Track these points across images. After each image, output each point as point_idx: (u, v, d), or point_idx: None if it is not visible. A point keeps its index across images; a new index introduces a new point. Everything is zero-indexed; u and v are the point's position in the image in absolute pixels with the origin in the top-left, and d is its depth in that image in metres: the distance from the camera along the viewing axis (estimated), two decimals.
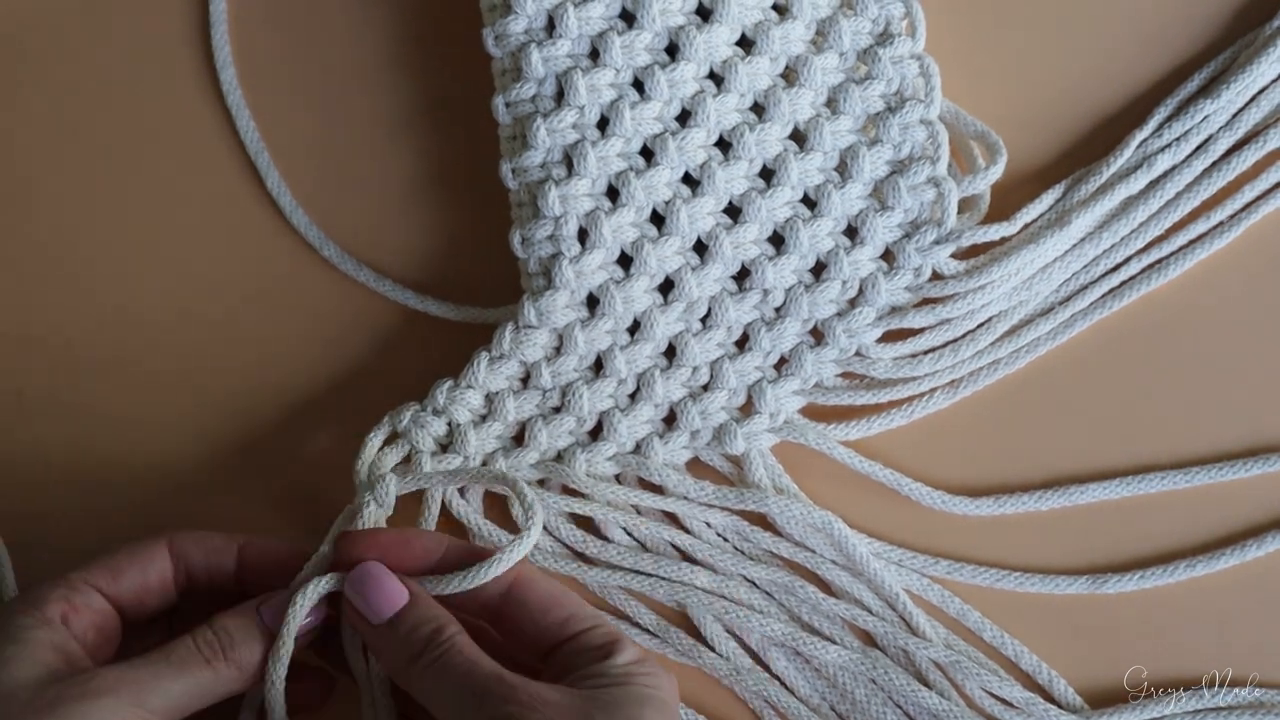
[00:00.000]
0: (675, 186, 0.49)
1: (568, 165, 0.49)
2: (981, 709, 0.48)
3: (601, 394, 0.49)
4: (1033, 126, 0.52)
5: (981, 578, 0.49)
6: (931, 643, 0.48)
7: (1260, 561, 0.49)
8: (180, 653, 0.42)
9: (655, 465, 0.49)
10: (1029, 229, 0.50)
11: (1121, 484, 0.50)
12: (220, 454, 0.51)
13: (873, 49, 0.50)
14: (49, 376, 0.52)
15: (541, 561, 0.49)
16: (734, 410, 0.50)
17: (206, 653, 0.42)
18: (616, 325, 0.49)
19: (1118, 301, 0.50)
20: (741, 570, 0.49)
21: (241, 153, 0.53)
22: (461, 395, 0.49)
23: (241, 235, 0.53)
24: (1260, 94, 0.50)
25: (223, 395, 0.52)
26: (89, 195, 0.53)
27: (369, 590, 0.43)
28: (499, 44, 0.49)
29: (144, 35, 0.53)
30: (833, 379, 0.50)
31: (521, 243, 0.49)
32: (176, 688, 0.41)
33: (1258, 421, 0.50)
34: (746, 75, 0.49)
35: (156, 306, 0.52)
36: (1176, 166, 0.50)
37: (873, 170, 0.50)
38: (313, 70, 0.53)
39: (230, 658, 0.43)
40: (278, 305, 0.52)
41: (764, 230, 0.49)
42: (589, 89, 0.48)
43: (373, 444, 0.48)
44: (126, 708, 0.40)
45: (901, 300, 0.50)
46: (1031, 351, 0.50)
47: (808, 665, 0.49)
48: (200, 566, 0.45)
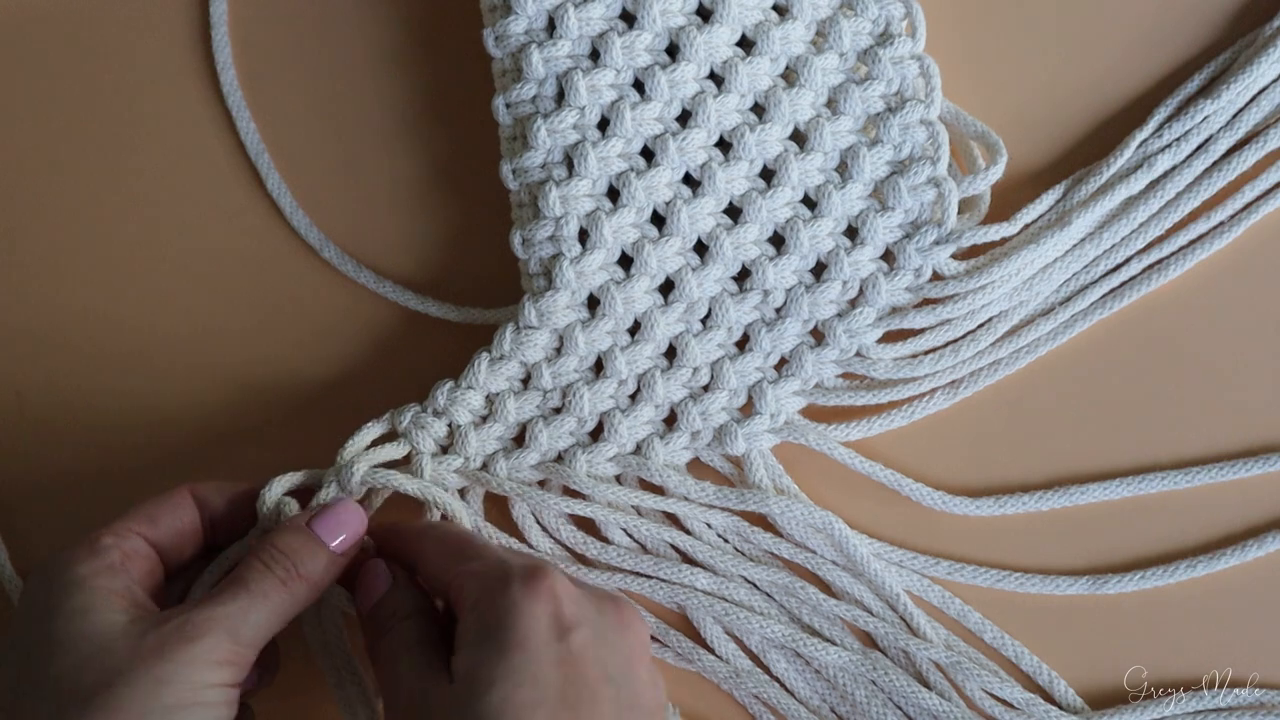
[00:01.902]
0: (676, 187, 0.49)
1: (568, 166, 0.49)
2: (982, 710, 0.48)
3: (602, 395, 0.49)
4: (1033, 126, 0.52)
5: (982, 578, 0.49)
6: (932, 644, 0.48)
7: (1260, 561, 0.49)
8: (256, 580, 0.42)
9: (656, 466, 0.49)
10: (1029, 229, 0.50)
11: (1121, 484, 0.50)
12: (220, 454, 0.51)
13: (873, 49, 0.50)
14: (49, 376, 0.52)
15: None
16: (734, 411, 0.50)
17: (280, 574, 0.42)
18: (617, 326, 0.49)
19: (1118, 302, 0.50)
20: (742, 571, 0.49)
21: (242, 154, 0.53)
22: (462, 396, 0.49)
23: (242, 236, 0.53)
24: (1260, 94, 0.50)
25: (223, 396, 0.52)
26: (89, 196, 0.53)
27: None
28: (499, 44, 0.49)
29: (144, 37, 0.53)
30: (833, 379, 0.50)
31: (522, 243, 0.49)
32: (262, 616, 0.42)
33: (1257, 421, 0.50)
34: (747, 76, 0.49)
35: (157, 307, 0.52)
36: (1177, 166, 0.50)
37: (873, 170, 0.50)
38: (313, 71, 0.53)
39: (303, 574, 0.43)
40: (278, 306, 0.52)
41: (764, 231, 0.49)
42: (589, 89, 0.48)
43: (366, 434, 0.48)
44: (225, 645, 0.40)
45: (902, 300, 0.50)
46: (1032, 352, 0.50)
47: (808, 667, 0.49)
48: (222, 513, 0.46)
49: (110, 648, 0.40)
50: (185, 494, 0.46)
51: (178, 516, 0.45)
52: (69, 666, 0.39)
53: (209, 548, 0.46)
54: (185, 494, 0.46)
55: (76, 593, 0.41)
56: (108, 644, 0.40)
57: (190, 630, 0.40)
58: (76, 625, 0.40)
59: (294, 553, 0.43)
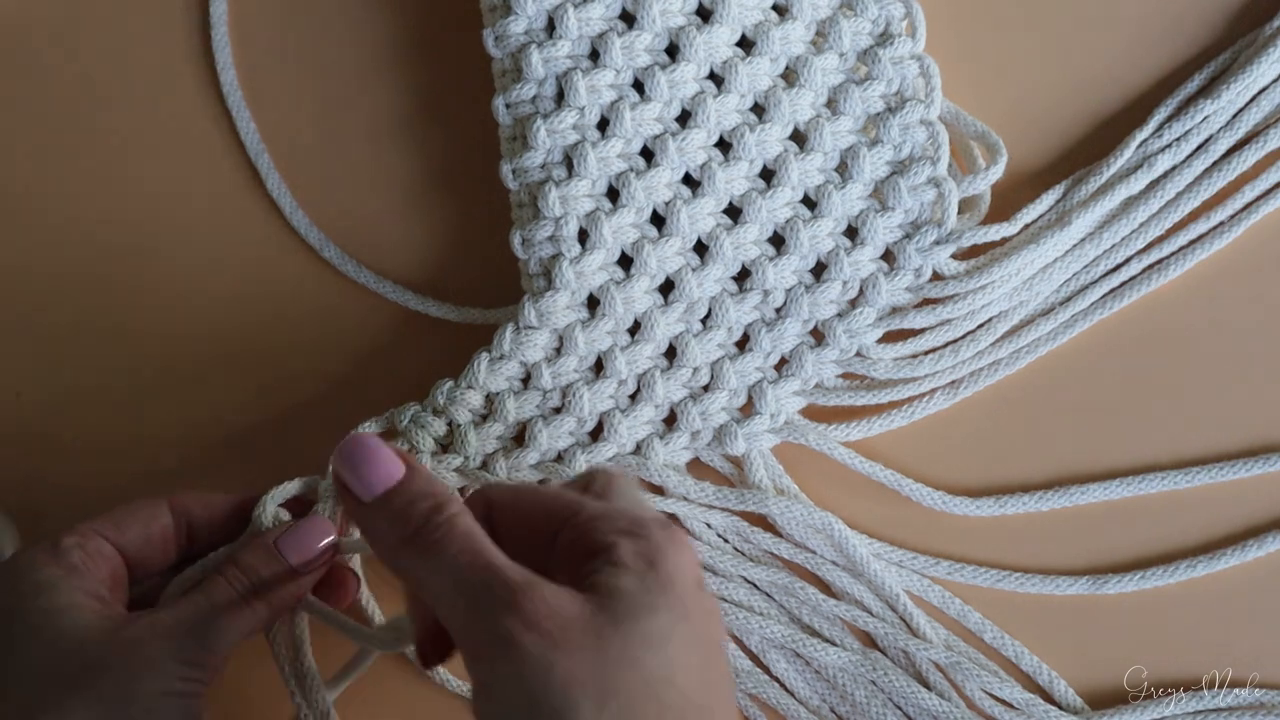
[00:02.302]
0: (676, 187, 0.49)
1: (568, 166, 0.49)
2: (982, 710, 0.48)
3: (602, 395, 0.49)
4: (1033, 126, 0.52)
5: (982, 578, 0.49)
6: (932, 644, 0.48)
7: (1260, 561, 0.49)
8: (220, 593, 0.42)
9: (656, 466, 0.49)
10: (1029, 229, 0.50)
11: (1121, 484, 0.50)
12: (220, 454, 0.51)
13: (873, 49, 0.50)
14: (48, 377, 0.52)
15: None
16: (734, 411, 0.50)
17: (240, 590, 0.42)
18: (617, 326, 0.49)
19: (1118, 302, 0.50)
20: (741, 571, 0.49)
21: (242, 154, 0.53)
22: (462, 395, 0.49)
23: (242, 237, 0.53)
24: (1260, 94, 0.50)
25: (223, 396, 0.52)
26: (89, 197, 0.53)
27: (361, 463, 0.40)
28: (499, 45, 0.49)
29: (144, 37, 0.53)
30: (833, 379, 0.50)
31: (522, 244, 0.49)
32: (224, 627, 0.42)
33: (1257, 421, 0.50)
34: (747, 76, 0.49)
35: (157, 308, 0.52)
36: (1177, 167, 0.50)
37: (873, 171, 0.50)
38: (313, 71, 0.53)
39: (262, 596, 0.43)
40: (278, 306, 0.52)
41: (764, 231, 0.49)
42: (589, 90, 0.48)
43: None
44: (193, 646, 0.41)
45: (902, 301, 0.50)
46: (1032, 352, 0.50)
47: (808, 667, 0.49)
48: (203, 524, 0.45)
49: (83, 643, 0.40)
50: (160, 503, 0.45)
51: (147, 523, 0.45)
52: (44, 660, 0.39)
53: (192, 557, 0.46)
54: (160, 503, 0.45)
55: (46, 591, 0.41)
56: (80, 641, 0.40)
57: (160, 629, 0.40)
58: (47, 623, 0.40)
59: (252, 571, 0.43)
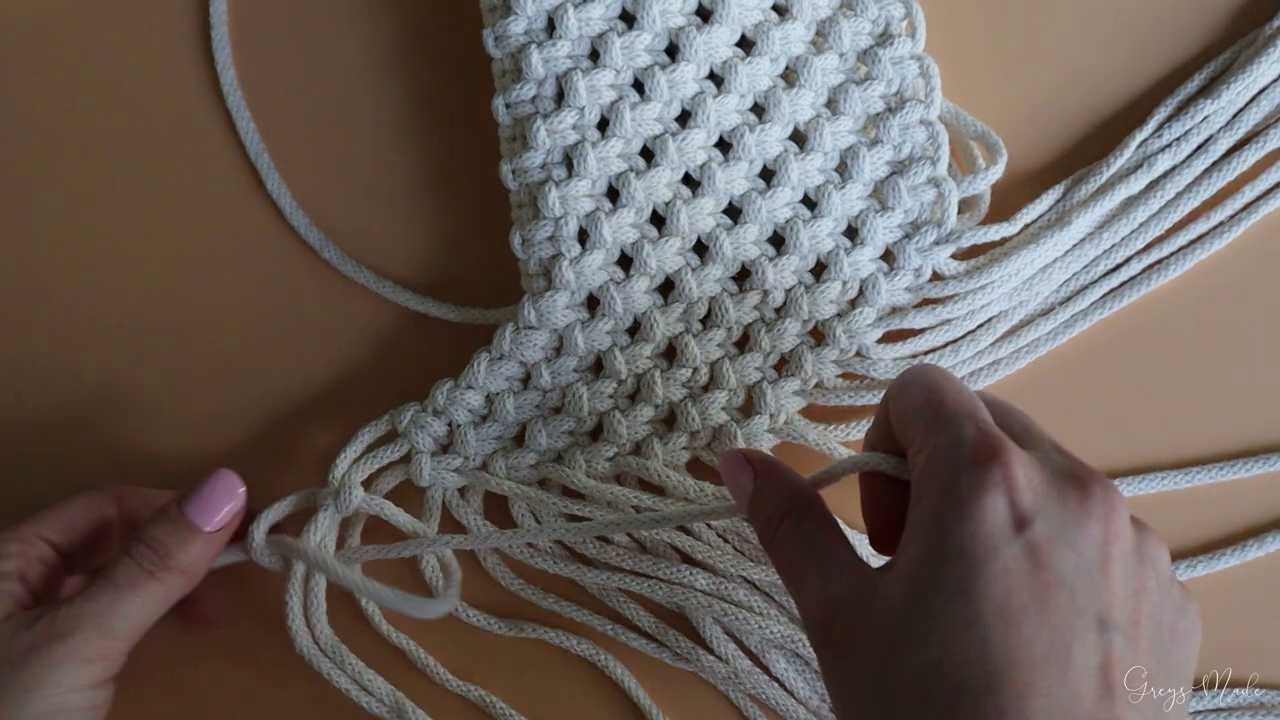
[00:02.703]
0: (675, 187, 0.49)
1: (568, 166, 0.49)
2: None
3: (601, 395, 0.49)
4: (1033, 126, 0.52)
5: None
6: None
7: (1260, 561, 0.49)
8: (124, 573, 0.43)
9: (655, 466, 0.49)
10: (1029, 229, 0.50)
11: (1121, 484, 0.50)
12: (220, 454, 0.51)
13: (873, 50, 0.50)
14: (48, 378, 0.52)
15: (540, 563, 0.49)
16: (734, 411, 0.50)
17: (148, 566, 0.43)
18: (616, 326, 0.49)
19: (1118, 302, 0.50)
20: (741, 571, 0.49)
21: (242, 154, 0.53)
22: (461, 396, 0.49)
23: (242, 237, 0.53)
24: (1260, 94, 0.50)
25: (223, 396, 0.52)
26: (89, 197, 0.53)
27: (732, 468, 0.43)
28: (499, 45, 0.49)
29: (144, 37, 0.54)
30: (833, 379, 0.50)
31: (522, 244, 0.49)
32: (133, 608, 0.42)
33: (1257, 421, 0.50)
34: (747, 76, 0.49)
35: (157, 308, 0.52)
36: (1176, 166, 0.50)
37: (873, 171, 0.50)
38: (313, 71, 0.53)
39: (171, 565, 0.43)
40: (278, 307, 0.52)
41: (764, 231, 0.49)
42: (589, 90, 0.48)
43: (358, 443, 0.49)
44: (95, 639, 0.41)
45: (902, 301, 0.50)
46: (1032, 352, 0.50)
47: (808, 667, 0.49)
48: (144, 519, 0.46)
49: None
50: (101, 495, 0.46)
51: (83, 517, 0.45)
52: None
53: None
54: (101, 495, 0.46)
55: None
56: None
57: (58, 627, 0.41)
58: None
59: (160, 544, 0.43)
